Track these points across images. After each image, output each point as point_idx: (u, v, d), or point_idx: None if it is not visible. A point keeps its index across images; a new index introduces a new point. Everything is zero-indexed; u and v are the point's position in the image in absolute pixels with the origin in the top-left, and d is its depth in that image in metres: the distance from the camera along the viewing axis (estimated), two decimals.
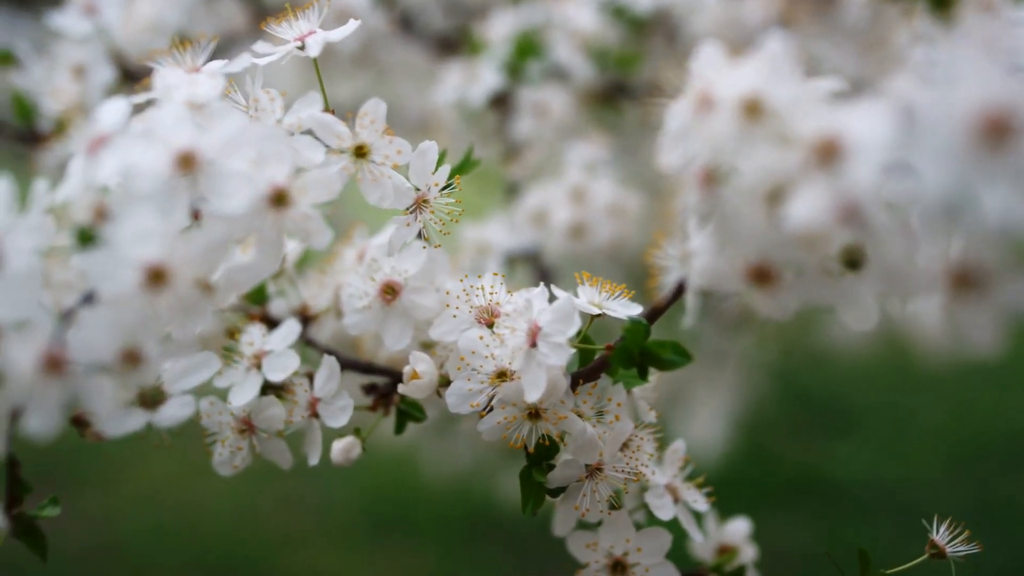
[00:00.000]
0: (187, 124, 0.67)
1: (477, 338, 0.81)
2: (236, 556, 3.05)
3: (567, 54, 1.34)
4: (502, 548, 3.18)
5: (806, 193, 0.59)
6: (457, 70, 1.35)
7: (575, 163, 1.29)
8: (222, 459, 0.88)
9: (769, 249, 0.63)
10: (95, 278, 0.64)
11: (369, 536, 3.14)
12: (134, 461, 3.51)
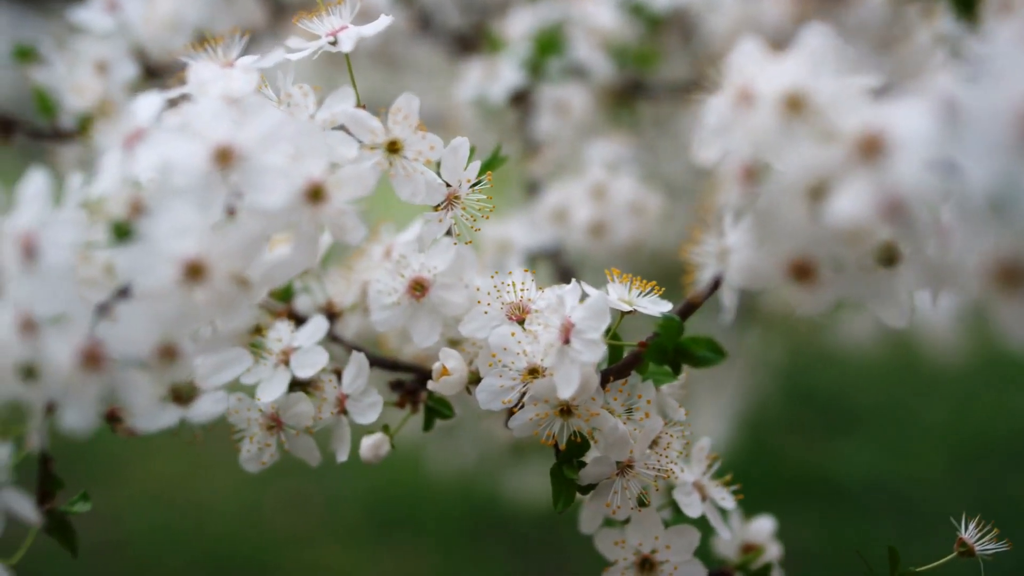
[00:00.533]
0: (225, 118, 0.66)
1: (509, 335, 0.80)
2: (241, 554, 3.05)
3: (587, 52, 1.33)
4: (505, 547, 3.18)
5: (849, 188, 0.59)
6: (477, 67, 1.35)
7: (596, 161, 1.29)
8: (249, 455, 0.88)
9: (810, 245, 0.62)
10: (133, 272, 0.64)
11: (373, 535, 3.15)
12: (139, 459, 3.51)
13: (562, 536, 3.21)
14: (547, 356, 0.78)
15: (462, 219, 0.82)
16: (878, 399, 3.96)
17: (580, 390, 0.76)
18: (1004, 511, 3.03)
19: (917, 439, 3.59)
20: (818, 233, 0.61)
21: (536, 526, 3.21)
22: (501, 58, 1.31)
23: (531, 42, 1.32)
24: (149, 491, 3.31)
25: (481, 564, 3.10)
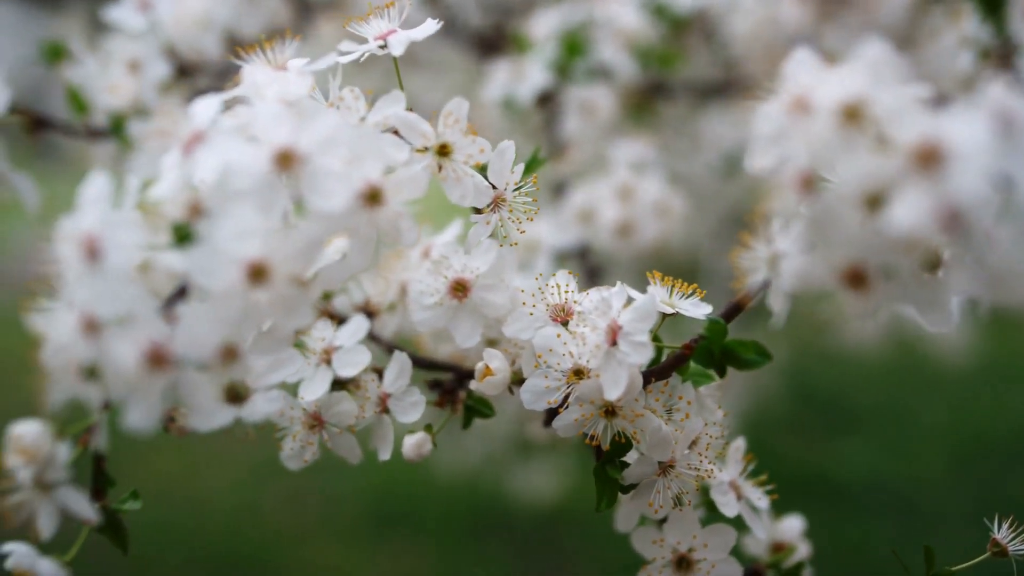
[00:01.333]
0: (285, 121, 0.67)
1: (554, 336, 0.81)
2: (240, 552, 3.05)
3: (612, 52, 1.34)
4: (506, 547, 3.19)
5: (907, 198, 0.60)
6: (504, 68, 1.35)
7: (622, 162, 1.30)
8: (291, 453, 0.89)
9: (866, 252, 0.63)
10: (197, 274, 0.65)
11: (373, 532, 3.15)
12: (138, 457, 3.51)
13: (562, 536, 3.23)
14: (593, 358, 0.79)
15: (508, 221, 0.82)
16: (879, 399, 3.98)
17: (627, 391, 0.77)
18: (1005, 512, 3.05)
19: (918, 439, 3.61)
20: (874, 241, 0.62)
21: (537, 526, 3.22)
22: (528, 58, 1.32)
23: (557, 43, 1.33)
24: (148, 488, 3.30)
25: (481, 563, 3.11)
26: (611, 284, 0.83)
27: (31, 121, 1.12)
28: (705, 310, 0.84)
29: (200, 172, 0.67)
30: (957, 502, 3.12)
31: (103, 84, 1.17)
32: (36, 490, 0.72)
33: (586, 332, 0.79)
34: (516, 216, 0.83)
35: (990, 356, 3.39)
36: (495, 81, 1.35)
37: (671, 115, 1.54)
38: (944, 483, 3.31)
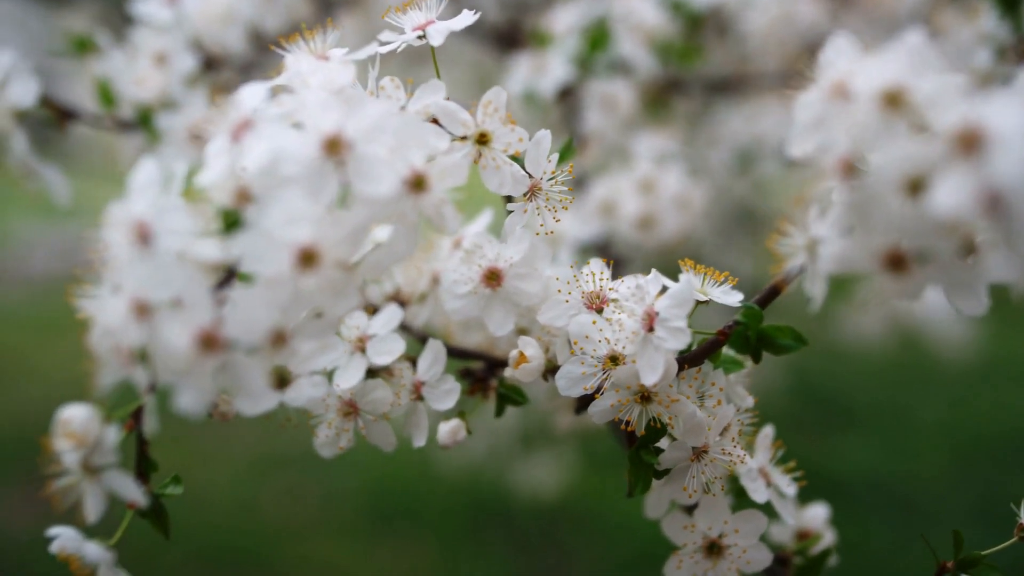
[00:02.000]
0: (333, 109, 0.68)
1: (590, 323, 0.82)
2: (239, 547, 3.06)
3: (632, 48, 1.35)
4: (504, 542, 3.20)
5: (948, 182, 0.61)
6: (525, 62, 1.36)
7: (644, 155, 1.31)
8: (326, 440, 0.90)
9: (907, 235, 0.65)
10: (248, 260, 0.66)
11: (372, 528, 3.16)
12: (132, 452, 3.51)
13: (561, 532, 3.24)
14: (629, 344, 0.80)
15: (543, 209, 0.83)
16: (879, 396, 4.00)
17: (663, 377, 0.78)
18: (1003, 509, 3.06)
19: (917, 437, 3.63)
20: (915, 224, 0.63)
21: (536, 522, 3.23)
22: (549, 53, 1.33)
23: (579, 37, 1.34)
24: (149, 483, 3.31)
25: (480, 559, 3.11)
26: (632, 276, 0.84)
27: (59, 113, 1.13)
28: (737, 297, 0.85)
29: (249, 159, 0.68)
30: (956, 500, 3.14)
31: (130, 77, 1.17)
32: (83, 474, 0.72)
33: (623, 319, 0.80)
34: (551, 205, 0.84)
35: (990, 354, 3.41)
36: (516, 75, 1.36)
37: (685, 110, 1.55)
38: (943, 481, 3.33)
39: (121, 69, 1.18)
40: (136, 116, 1.17)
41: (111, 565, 0.76)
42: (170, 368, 0.66)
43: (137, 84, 1.16)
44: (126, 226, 0.67)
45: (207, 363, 0.65)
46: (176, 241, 0.66)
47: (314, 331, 0.70)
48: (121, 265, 0.67)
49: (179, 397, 0.66)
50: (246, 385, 0.66)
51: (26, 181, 1.12)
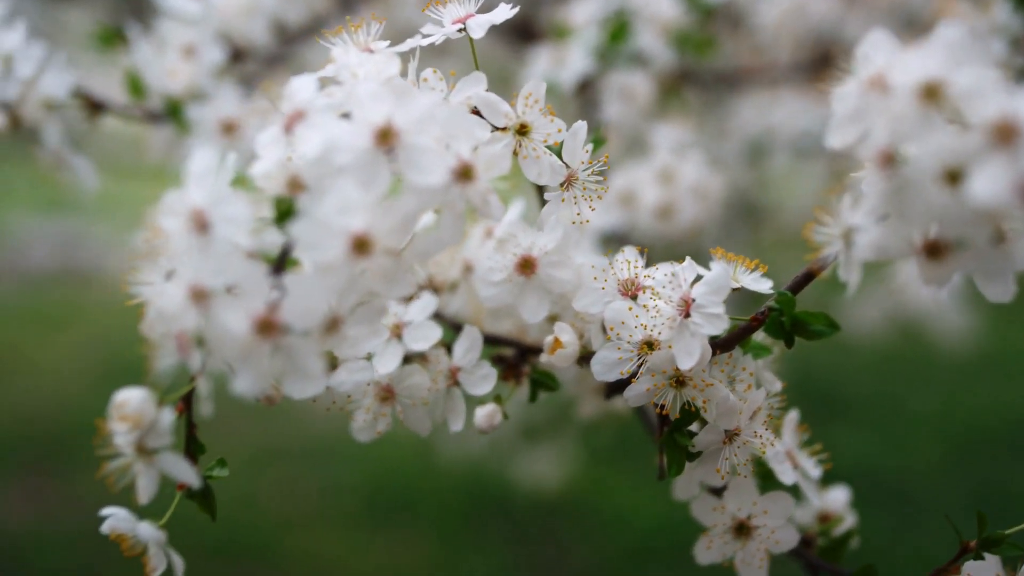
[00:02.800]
0: (384, 100, 0.70)
1: (626, 309, 0.84)
2: (238, 541, 3.07)
3: (650, 40, 1.37)
4: (503, 534, 3.22)
5: (986, 173, 0.63)
6: (545, 54, 1.38)
7: (663, 145, 1.33)
8: (363, 425, 0.91)
9: (944, 224, 0.67)
10: (304, 247, 0.67)
11: (370, 521, 3.19)
12: None
13: (559, 525, 3.26)
14: (665, 329, 0.82)
15: (580, 199, 0.85)
16: (874, 387, 4.03)
17: (699, 362, 0.80)
18: (997, 501, 3.09)
19: (912, 429, 3.66)
20: (952, 213, 0.65)
21: (535, 514, 3.26)
22: (569, 45, 1.35)
23: (599, 30, 1.35)
24: None
25: (478, 552, 3.14)
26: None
27: (90, 104, 1.14)
28: (767, 284, 0.87)
29: (302, 149, 0.70)
30: (950, 492, 3.17)
31: (158, 69, 1.19)
32: (137, 456, 0.74)
33: (659, 305, 0.82)
34: (588, 195, 0.85)
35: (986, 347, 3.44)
36: (536, 67, 1.38)
37: (698, 102, 1.57)
38: (937, 473, 3.36)
39: (149, 61, 1.19)
40: (165, 108, 1.18)
41: (162, 544, 0.78)
42: (227, 352, 0.67)
43: (167, 76, 1.18)
44: (183, 214, 0.69)
45: (264, 347, 0.67)
46: (233, 229, 0.68)
47: (364, 316, 0.72)
48: (178, 252, 0.69)
49: (236, 381, 0.68)
50: (302, 369, 0.68)
51: (57, 171, 1.13)
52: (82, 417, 3.77)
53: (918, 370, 3.89)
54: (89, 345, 4.36)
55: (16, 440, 3.62)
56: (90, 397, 3.96)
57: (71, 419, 3.76)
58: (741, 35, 1.58)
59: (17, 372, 4.20)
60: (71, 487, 3.35)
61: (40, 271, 4.11)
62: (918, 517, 2.93)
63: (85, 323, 4.53)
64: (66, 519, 3.14)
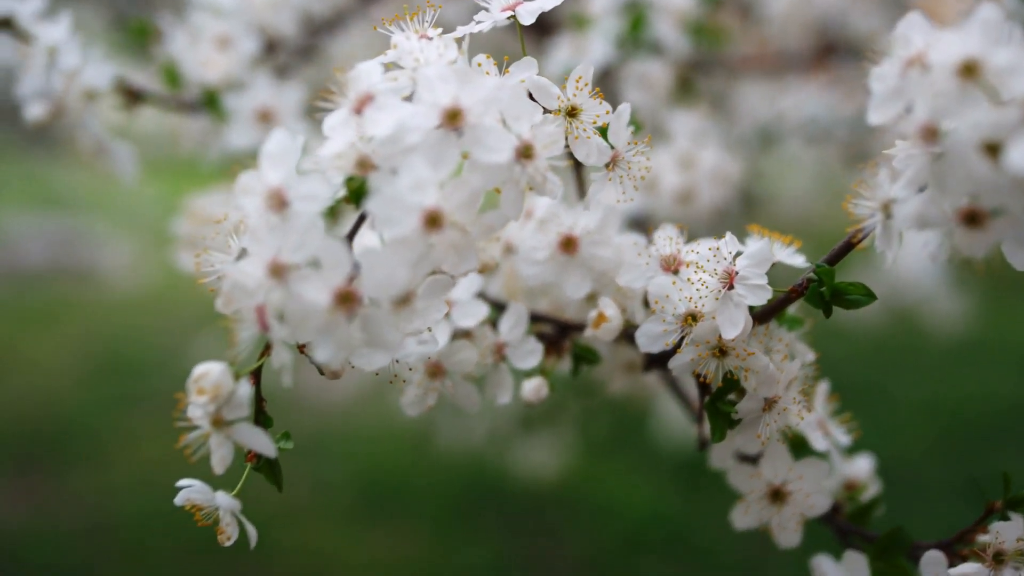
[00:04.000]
0: (451, 82, 0.73)
1: (669, 283, 0.88)
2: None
3: (666, 29, 1.41)
4: (496, 526, 3.24)
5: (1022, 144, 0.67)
6: (565, 44, 1.42)
7: (682, 132, 1.37)
8: (413, 399, 0.95)
9: (984, 193, 0.71)
10: (381, 222, 0.71)
11: (364, 515, 3.20)
12: (124, 442, 3.54)
13: (554, 516, 3.29)
14: (710, 301, 0.86)
15: (625, 179, 0.89)
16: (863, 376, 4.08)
17: (743, 331, 0.84)
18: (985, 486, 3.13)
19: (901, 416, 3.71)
20: (992, 183, 0.69)
21: (529, 506, 3.29)
22: (589, 34, 1.38)
23: (618, 19, 1.39)
24: (135, 474, 3.34)
25: (473, 544, 3.16)
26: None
27: (128, 94, 1.17)
28: (801, 259, 0.92)
29: (373, 130, 0.73)
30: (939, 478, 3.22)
31: (193, 60, 1.21)
32: (214, 428, 0.77)
33: (704, 278, 0.86)
34: (632, 174, 0.89)
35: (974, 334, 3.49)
36: (557, 56, 1.41)
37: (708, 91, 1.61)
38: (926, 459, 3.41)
39: (184, 52, 1.22)
40: (201, 97, 1.21)
41: (237, 512, 0.81)
42: (306, 325, 0.71)
43: (203, 66, 1.21)
44: (260, 193, 0.72)
45: (343, 319, 0.70)
46: (311, 206, 0.71)
47: (432, 289, 0.76)
48: (257, 230, 0.72)
49: (316, 351, 0.71)
50: (381, 338, 0.72)
51: (97, 160, 1.16)
52: (75, 414, 3.78)
53: (907, 358, 3.94)
54: (82, 342, 4.37)
55: (9, 437, 3.62)
56: (83, 394, 3.96)
57: (64, 416, 3.77)
58: (749, 25, 1.62)
59: (10, 369, 4.20)
60: (65, 484, 3.36)
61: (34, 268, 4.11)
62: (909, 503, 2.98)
63: (78, 320, 4.53)
64: (61, 516, 3.15)
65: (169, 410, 0.79)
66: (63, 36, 1.08)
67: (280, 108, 1.19)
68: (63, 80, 1.09)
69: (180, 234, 1.28)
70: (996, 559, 0.89)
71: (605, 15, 1.38)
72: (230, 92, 1.19)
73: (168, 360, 4.19)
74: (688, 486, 3.41)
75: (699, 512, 3.31)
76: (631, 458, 3.52)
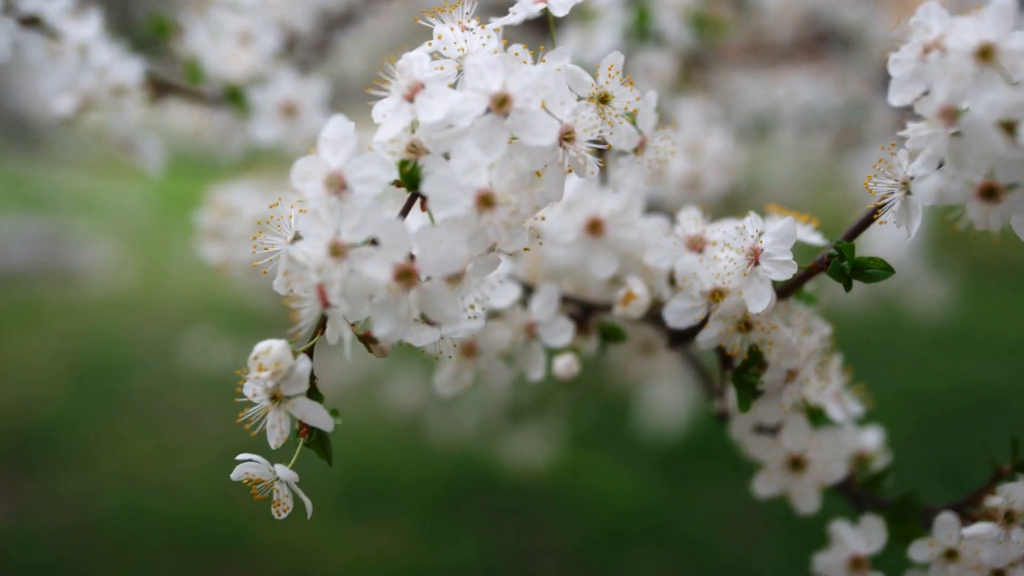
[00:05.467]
0: (499, 70, 0.77)
1: (696, 262, 0.93)
2: (216, 535, 3.11)
3: (669, 21, 1.45)
4: (480, 519, 3.27)
5: None
6: (572, 36, 1.46)
7: (690, 120, 1.41)
8: (448, 378, 0.99)
9: (1000, 169, 0.76)
10: (437, 203, 0.75)
11: (348, 512, 3.23)
12: (107, 442, 3.54)
13: (538, 509, 3.33)
14: (736, 278, 0.91)
15: (652, 163, 0.93)
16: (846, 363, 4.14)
17: (769, 305, 0.89)
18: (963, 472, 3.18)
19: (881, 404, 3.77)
20: (1008, 159, 0.75)
21: (513, 499, 3.32)
22: (595, 27, 1.43)
23: (624, 11, 1.43)
24: (118, 473, 3.34)
25: (457, 538, 3.20)
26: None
27: (154, 86, 1.20)
28: (818, 237, 0.97)
29: (426, 116, 0.77)
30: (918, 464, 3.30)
31: (215, 55, 1.24)
32: (273, 403, 0.81)
33: (732, 255, 0.91)
34: (659, 158, 0.93)
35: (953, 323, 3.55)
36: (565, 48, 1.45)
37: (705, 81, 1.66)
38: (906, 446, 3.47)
39: (206, 48, 1.25)
40: (224, 92, 1.24)
41: (294, 482, 0.84)
42: (366, 301, 0.75)
43: (226, 62, 1.24)
44: (321, 177, 0.76)
45: (403, 295, 0.74)
46: (370, 188, 0.75)
47: (483, 266, 0.80)
48: (318, 212, 0.75)
49: (377, 326, 0.75)
50: (442, 312, 0.75)
51: (125, 154, 1.19)
52: (58, 415, 3.77)
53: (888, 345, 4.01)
54: (64, 343, 4.36)
55: None
56: (65, 395, 3.96)
57: (47, 417, 3.76)
58: (742, 16, 1.67)
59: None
60: (48, 484, 3.35)
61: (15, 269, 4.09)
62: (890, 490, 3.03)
63: (60, 321, 4.52)
64: (45, 516, 3.15)
65: (151, 409, 0.80)
66: (93, 33, 1.11)
67: (303, 101, 1.22)
68: (94, 76, 1.11)
69: (204, 225, 1.32)
70: (1007, 519, 0.94)
71: (610, 8, 1.43)
72: (254, 87, 1.23)
73: (149, 360, 4.20)
74: (672, 477, 3.46)
75: (684, 503, 3.36)
76: (616, 450, 3.56)
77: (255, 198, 1.30)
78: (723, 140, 1.39)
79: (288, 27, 1.32)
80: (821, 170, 2.38)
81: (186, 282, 4.87)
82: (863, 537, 1.01)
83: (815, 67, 1.76)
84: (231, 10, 1.27)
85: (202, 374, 3.63)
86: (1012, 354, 4.03)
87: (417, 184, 0.77)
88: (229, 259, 1.30)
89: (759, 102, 1.74)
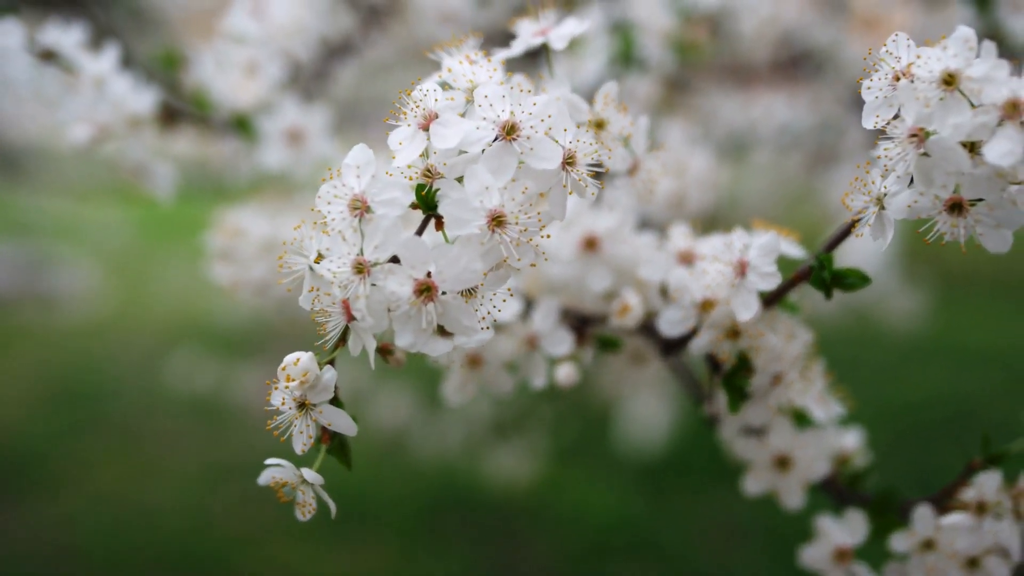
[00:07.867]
0: (508, 100, 0.84)
1: (687, 275, 1.00)
2: (196, 555, 3.13)
3: (651, 46, 1.53)
4: (462, 536, 3.30)
5: (1000, 141, 0.80)
6: (561, 63, 1.52)
7: (674, 141, 1.49)
8: (455, 387, 1.05)
9: (964, 185, 0.83)
10: (452, 223, 0.81)
11: (329, 531, 3.24)
12: (85, 466, 3.55)
13: (519, 525, 3.37)
14: (724, 289, 0.97)
15: (644, 183, 1.00)
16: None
17: (756, 314, 0.96)
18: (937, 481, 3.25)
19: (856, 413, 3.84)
20: (972, 176, 0.82)
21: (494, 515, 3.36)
22: (581, 54, 1.50)
23: (609, 39, 1.50)
24: (98, 497, 3.36)
25: (438, 555, 3.22)
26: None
27: (166, 113, 1.26)
28: (799, 251, 1.04)
29: (440, 144, 0.83)
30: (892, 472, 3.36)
31: (223, 85, 1.30)
32: (300, 411, 0.87)
33: (719, 267, 0.98)
34: (650, 180, 1.00)
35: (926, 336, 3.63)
36: None
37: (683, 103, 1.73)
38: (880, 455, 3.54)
39: (212, 78, 1.31)
40: (232, 120, 1.30)
41: (320, 485, 0.90)
42: (389, 315, 0.81)
43: (233, 92, 1.29)
44: (345, 200, 0.82)
45: (423, 308, 0.80)
46: (392, 210, 0.81)
47: (494, 280, 0.86)
48: (343, 233, 0.81)
49: (399, 338, 0.81)
50: (459, 324, 0.82)
51: (138, 180, 1.24)
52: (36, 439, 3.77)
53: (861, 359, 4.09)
54: (38, 369, 4.36)
55: None
56: (38, 422, 3.95)
57: (25, 442, 3.76)
58: (718, 40, 1.75)
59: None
60: (27, 509, 3.35)
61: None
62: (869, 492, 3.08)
63: (39, 346, 4.52)
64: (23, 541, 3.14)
65: (125, 436, 0.84)
66: (110, 67, 1.17)
67: (309, 128, 1.28)
68: (111, 108, 1.17)
69: (213, 248, 1.37)
70: (980, 509, 1.01)
71: (595, 36, 1.50)
72: (260, 114, 1.28)
73: (129, 383, 4.20)
74: (653, 490, 3.51)
75: (664, 516, 3.41)
76: (597, 464, 3.60)
77: (261, 221, 1.36)
78: (706, 160, 1.46)
79: (291, 57, 1.38)
80: (796, 186, 2.47)
81: (166, 306, 4.89)
82: (847, 529, 1.08)
83: (790, 88, 1.85)
84: (235, 42, 1.32)
85: (182, 397, 3.66)
86: (983, 364, 4.11)
87: (433, 206, 0.83)
88: (238, 279, 1.36)
89: (737, 122, 1.82)
